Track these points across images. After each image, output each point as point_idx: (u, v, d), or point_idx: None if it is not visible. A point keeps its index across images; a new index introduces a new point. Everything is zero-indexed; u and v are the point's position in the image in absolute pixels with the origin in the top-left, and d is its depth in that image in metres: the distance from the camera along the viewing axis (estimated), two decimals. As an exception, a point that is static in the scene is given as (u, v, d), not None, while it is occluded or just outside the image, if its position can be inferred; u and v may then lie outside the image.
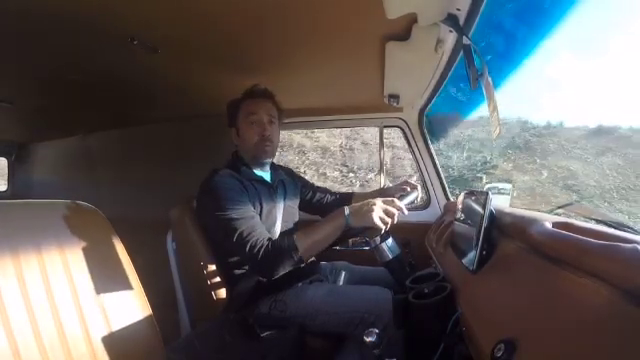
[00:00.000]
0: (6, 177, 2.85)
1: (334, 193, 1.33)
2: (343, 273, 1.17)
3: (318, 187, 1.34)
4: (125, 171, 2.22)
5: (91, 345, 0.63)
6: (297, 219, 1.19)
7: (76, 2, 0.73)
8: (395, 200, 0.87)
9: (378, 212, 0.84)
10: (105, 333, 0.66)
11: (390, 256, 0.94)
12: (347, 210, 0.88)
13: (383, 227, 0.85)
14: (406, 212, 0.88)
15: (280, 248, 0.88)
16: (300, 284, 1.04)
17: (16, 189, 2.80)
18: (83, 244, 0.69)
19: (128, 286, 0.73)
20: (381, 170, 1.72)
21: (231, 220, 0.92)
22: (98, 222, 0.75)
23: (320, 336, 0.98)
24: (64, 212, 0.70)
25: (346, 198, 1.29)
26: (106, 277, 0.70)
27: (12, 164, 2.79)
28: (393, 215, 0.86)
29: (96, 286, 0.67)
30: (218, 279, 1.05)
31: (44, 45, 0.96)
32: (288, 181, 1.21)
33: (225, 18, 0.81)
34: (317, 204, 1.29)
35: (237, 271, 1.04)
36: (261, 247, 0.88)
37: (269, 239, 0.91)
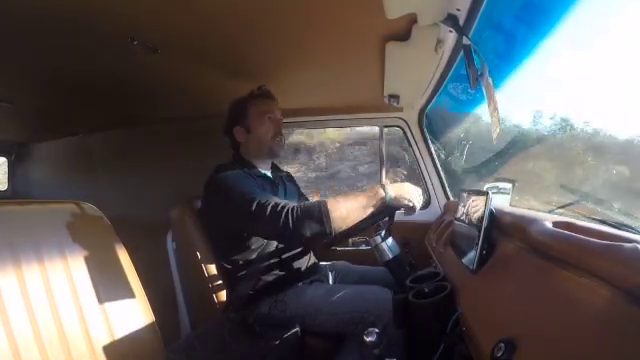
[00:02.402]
0: (6, 177, 2.85)
1: None
2: (330, 273, 1.19)
3: (307, 198, 1.35)
4: (125, 171, 2.22)
5: (91, 345, 0.63)
6: None
7: (76, 2, 0.73)
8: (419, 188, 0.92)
9: (417, 194, 0.90)
10: (105, 333, 0.66)
11: (390, 256, 0.94)
12: (386, 189, 0.88)
13: (418, 207, 0.91)
14: (418, 206, 0.93)
15: (308, 208, 0.83)
16: (300, 284, 1.04)
17: (16, 189, 2.80)
18: (83, 244, 0.69)
19: (128, 286, 0.73)
20: (381, 170, 1.72)
21: (244, 194, 0.89)
22: (98, 222, 0.75)
23: (320, 336, 0.98)
24: (64, 212, 0.70)
25: None
26: (106, 277, 0.70)
27: (12, 164, 2.80)
28: (419, 202, 0.92)
29: (96, 286, 0.67)
30: (218, 279, 1.05)
31: (44, 45, 0.96)
32: (288, 182, 1.24)
33: (225, 18, 0.81)
34: None
35: (237, 271, 1.04)
36: (284, 207, 0.84)
37: (290, 203, 0.87)
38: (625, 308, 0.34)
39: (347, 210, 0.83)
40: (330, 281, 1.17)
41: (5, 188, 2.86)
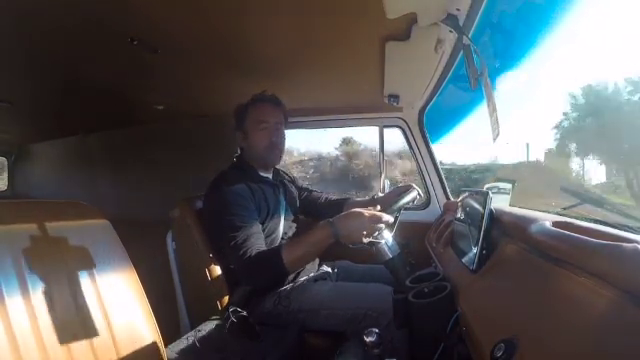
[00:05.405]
0: (6, 177, 2.85)
1: (328, 196, 1.34)
2: (333, 271, 1.19)
3: (314, 190, 1.36)
4: (125, 171, 2.22)
5: (91, 345, 0.63)
6: (297, 217, 1.22)
7: (76, 2, 0.73)
8: (383, 215, 0.87)
9: (367, 233, 0.86)
10: (105, 333, 0.66)
11: (390, 255, 0.93)
12: (335, 229, 0.86)
13: (365, 240, 0.87)
14: (391, 221, 0.89)
15: (264, 259, 0.91)
16: (305, 281, 1.05)
17: (16, 189, 2.80)
18: (83, 244, 0.69)
19: (128, 286, 0.73)
20: (381, 172, 1.72)
21: (232, 227, 0.94)
22: (98, 222, 0.75)
23: (321, 335, 0.98)
24: (64, 212, 0.70)
25: (339, 205, 1.30)
26: (106, 277, 0.70)
27: (12, 164, 2.80)
28: (380, 229, 0.88)
29: (96, 286, 0.67)
30: (218, 279, 1.05)
31: (44, 45, 0.96)
32: (288, 183, 1.26)
33: (225, 19, 0.81)
34: (312, 205, 1.30)
35: (237, 271, 1.04)
36: (248, 255, 0.90)
37: (257, 249, 0.93)
38: (625, 308, 0.34)
39: (298, 257, 0.91)
40: (333, 279, 1.18)
41: (5, 188, 2.86)
